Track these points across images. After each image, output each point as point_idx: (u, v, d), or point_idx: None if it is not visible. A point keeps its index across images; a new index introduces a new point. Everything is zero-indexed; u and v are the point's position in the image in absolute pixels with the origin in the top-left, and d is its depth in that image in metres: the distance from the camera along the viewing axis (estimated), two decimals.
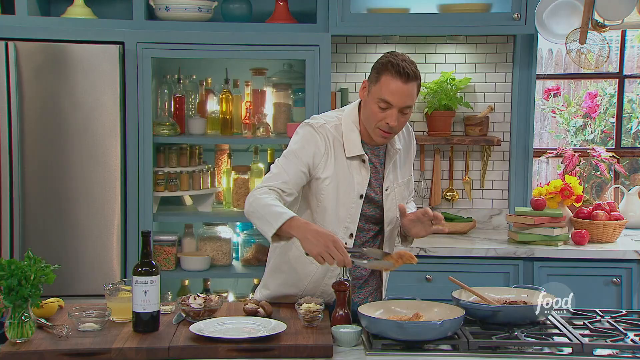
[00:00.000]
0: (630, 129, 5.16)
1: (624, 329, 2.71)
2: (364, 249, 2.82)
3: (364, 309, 2.65)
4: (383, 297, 3.10)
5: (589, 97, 5.09)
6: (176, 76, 4.43)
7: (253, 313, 2.78)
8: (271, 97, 4.51)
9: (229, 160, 4.61)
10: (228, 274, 4.44)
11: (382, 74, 2.78)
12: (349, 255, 2.64)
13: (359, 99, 2.95)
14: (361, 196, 2.90)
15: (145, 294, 2.62)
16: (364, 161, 2.90)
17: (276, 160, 2.89)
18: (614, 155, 4.74)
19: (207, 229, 4.46)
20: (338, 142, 2.88)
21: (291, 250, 2.97)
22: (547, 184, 4.43)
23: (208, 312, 2.74)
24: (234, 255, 4.52)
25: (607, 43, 4.23)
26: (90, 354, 2.48)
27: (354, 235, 2.92)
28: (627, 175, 5.03)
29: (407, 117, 2.85)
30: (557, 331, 2.70)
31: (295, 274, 2.98)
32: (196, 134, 4.39)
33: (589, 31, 4.17)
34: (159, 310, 2.67)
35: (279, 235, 2.69)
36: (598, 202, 4.46)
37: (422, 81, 4.59)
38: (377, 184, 2.95)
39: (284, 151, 2.89)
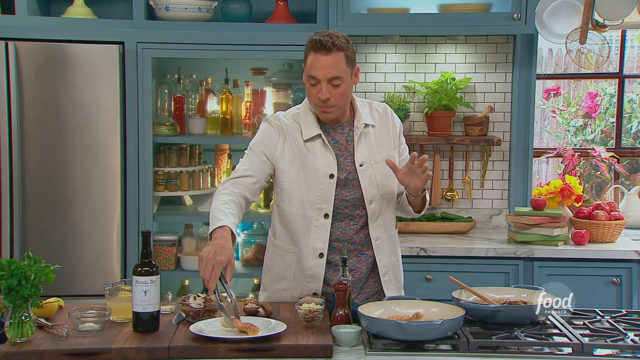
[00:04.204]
0: (630, 129, 5.16)
1: (624, 329, 2.71)
2: (232, 300, 2.71)
3: (364, 309, 2.65)
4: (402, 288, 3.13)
5: (589, 97, 5.09)
6: (176, 76, 4.43)
7: (253, 313, 2.78)
8: (271, 97, 4.51)
9: (229, 160, 4.61)
10: None
11: (307, 54, 2.91)
12: (219, 285, 2.66)
13: None
14: (331, 176, 2.94)
15: (145, 294, 2.62)
16: (323, 141, 2.95)
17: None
18: (614, 155, 4.74)
19: (207, 229, 4.44)
20: (294, 129, 2.97)
21: (271, 247, 3.08)
22: (547, 184, 4.42)
23: (208, 312, 2.75)
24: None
25: (607, 43, 4.23)
26: (90, 354, 2.48)
27: (330, 215, 2.94)
28: (627, 175, 5.03)
29: (341, 89, 2.87)
30: (557, 331, 2.70)
31: (279, 267, 3.05)
32: (196, 134, 4.39)
33: (589, 31, 4.17)
34: (159, 310, 2.67)
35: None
36: (598, 202, 4.46)
37: (422, 81, 4.65)
38: (348, 162, 2.98)
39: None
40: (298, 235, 2.97)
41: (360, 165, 2.97)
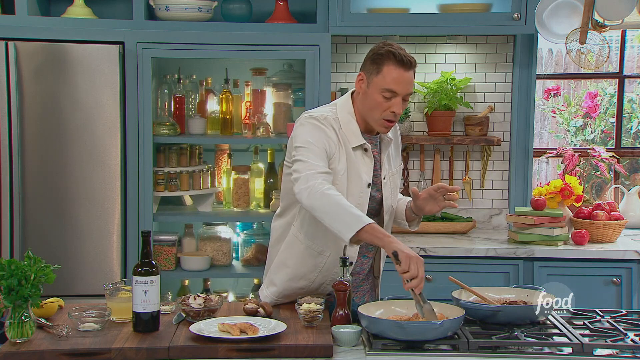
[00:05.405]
0: (630, 129, 5.16)
1: (624, 329, 2.71)
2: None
3: (364, 309, 2.65)
4: (378, 295, 3.13)
5: (589, 97, 5.09)
6: (176, 76, 4.43)
7: (253, 313, 2.78)
8: (271, 97, 4.51)
9: (229, 160, 4.61)
10: (228, 274, 4.45)
11: (383, 65, 2.83)
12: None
13: (350, 91, 2.99)
14: (369, 185, 2.93)
15: (145, 294, 2.62)
16: (366, 150, 2.93)
17: (297, 154, 2.83)
18: (614, 155, 4.74)
19: (207, 229, 4.46)
20: (342, 133, 2.91)
21: (296, 245, 2.99)
22: (547, 184, 4.43)
23: (208, 312, 2.75)
24: (234, 255, 4.52)
25: (607, 43, 4.23)
26: (90, 354, 2.48)
27: None
28: (627, 175, 5.03)
29: (407, 104, 2.92)
30: (557, 331, 2.70)
31: (303, 267, 2.98)
32: (196, 134, 4.39)
33: (589, 31, 4.17)
34: (159, 310, 2.67)
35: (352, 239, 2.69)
36: (598, 202, 4.46)
37: (422, 81, 4.66)
38: (377, 174, 2.99)
39: (298, 145, 2.84)
40: (335, 240, 2.90)
41: (384, 179, 3.00)
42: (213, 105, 4.52)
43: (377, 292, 3.15)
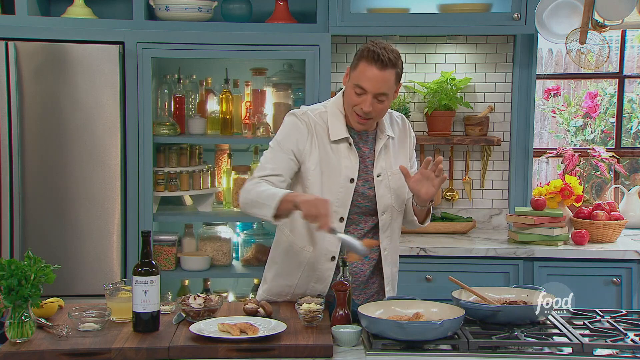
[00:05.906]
0: (630, 129, 5.16)
1: (624, 329, 2.71)
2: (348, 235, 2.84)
3: (364, 309, 2.65)
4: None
5: (589, 97, 5.09)
6: (176, 76, 4.43)
7: (253, 313, 2.78)
8: (271, 97, 4.51)
9: (229, 160, 4.61)
10: (228, 274, 4.45)
11: (360, 61, 2.84)
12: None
13: (344, 87, 3.01)
14: (352, 180, 2.93)
15: (145, 294, 2.62)
16: (350, 144, 2.93)
17: (263, 154, 2.97)
18: (614, 155, 4.74)
19: (207, 229, 4.46)
20: (321, 128, 2.93)
21: (282, 241, 3.03)
22: (547, 184, 4.43)
23: (208, 312, 2.75)
24: (234, 255, 4.52)
25: (607, 43, 4.23)
26: (90, 354, 2.48)
27: (345, 219, 2.93)
28: (627, 175, 5.03)
29: (384, 105, 2.88)
30: (557, 331, 2.70)
31: (289, 263, 3.01)
32: (196, 134, 4.39)
33: (589, 31, 4.17)
34: (159, 310, 2.67)
35: (279, 215, 2.75)
36: (598, 202, 4.46)
37: (422, 81, 4.65)
38: (368, 171, 2.97)
39: (271, 142, 2.96)
40: (314, 236, 2.94)
41: (378, 176, 2.97)
42: (213, 105, 4.52)
43: (384, 294, 3.08)
